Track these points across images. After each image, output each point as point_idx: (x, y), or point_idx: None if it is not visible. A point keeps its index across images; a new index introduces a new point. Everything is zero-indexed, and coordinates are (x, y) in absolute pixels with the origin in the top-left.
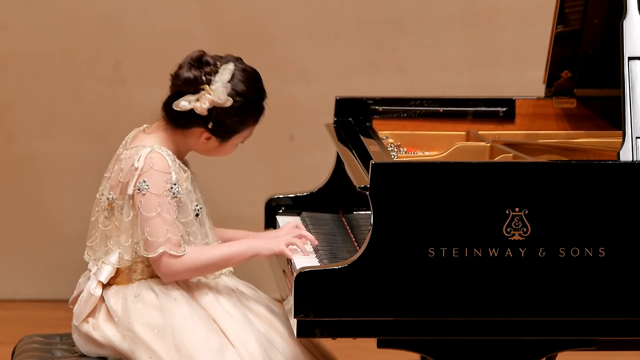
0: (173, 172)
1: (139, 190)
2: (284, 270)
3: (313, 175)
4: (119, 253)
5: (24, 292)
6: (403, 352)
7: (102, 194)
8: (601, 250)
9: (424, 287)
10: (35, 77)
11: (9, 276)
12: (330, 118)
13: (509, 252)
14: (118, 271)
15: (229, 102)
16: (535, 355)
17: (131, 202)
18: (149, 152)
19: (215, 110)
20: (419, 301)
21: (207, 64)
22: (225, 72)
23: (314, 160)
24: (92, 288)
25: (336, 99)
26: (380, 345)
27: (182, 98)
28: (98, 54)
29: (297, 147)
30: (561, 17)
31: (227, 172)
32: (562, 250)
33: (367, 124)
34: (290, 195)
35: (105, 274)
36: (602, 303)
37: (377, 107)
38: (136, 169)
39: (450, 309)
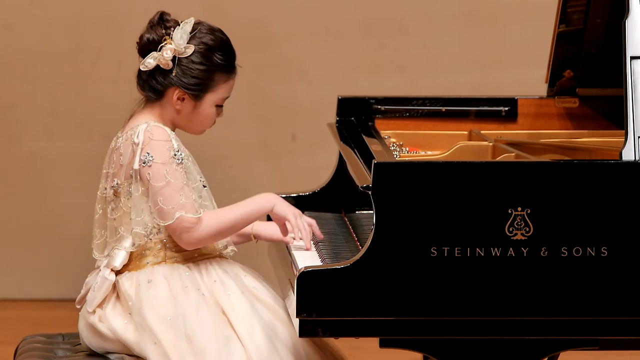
0: (173, 139)
1: (144, 163)
2: (289, 280)
3: (315, 175)
4: (133, 231)
5: (26, 292)
6: (405, 351)
7: (105, 188)
8: (603, 249)
9: (427, 287)
10: (38, 76)
11: (11, 276)
12: (332, 117)
13: (511, 251)
14: (130, 258)
15: (189, 48)
16: (537, 354)
17: (139, 176)
18: (146, 127)
19: (179, 60)
20: (422, 301)
21: (168, 21)
22: (187, 25)
23: (316, 160)
24: (106, 274)
25: (338, 99)
26: (383, 344)
27: (147, 57)
28: (101, 53)
29: (299, 147)
30: (563, 16)
31: (229, 172)
32: (564, 249)
33: (370, 123)
34: (292, 195)
35: (120, 259)
36: (604, 303)
37: (379, 107)
38: (137, 144)
39: (453, 309)
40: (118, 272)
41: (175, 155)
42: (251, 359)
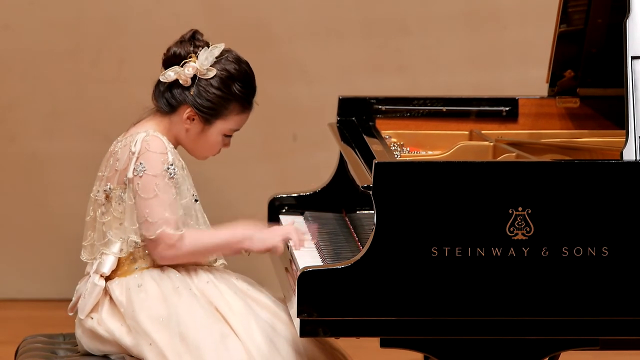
0: (169, 152)
1: (136, 173)
2: (286, 268)
3: (316, 175)
4: (123, 239)
5: (26, 292)
6: (406, 351)
7: (98, 191)
8: (604, 249)
9: (427, 287)
10: (38, 76)
11: (12, 275)
12: (333, 117)
13: (512, 251)
14: (119, 263)
15: (211, 71)
16: (538, 354)
17: (131, 185)
18: (144, 136)
19: (199, 80)
20: (422, 301)
21: (198, 40)
22: (216, 49)
23: (317, 160)
24: (95, 280)
25: (339, 99)
26: (383, 344)
27: (169, 69)
28: (101, 53)
29: (300, 147)
30: (564, 16)
31: (231, 172)
32: (565, 249)
33: (370, 123)
34: (293, 195)
35: (108, 264)
36: (605, 302)
37: (380, 107)
38: (133, 153)
39: (454, 309)
40: (108, 278)
41: (168, 169)
42: (250, 354)
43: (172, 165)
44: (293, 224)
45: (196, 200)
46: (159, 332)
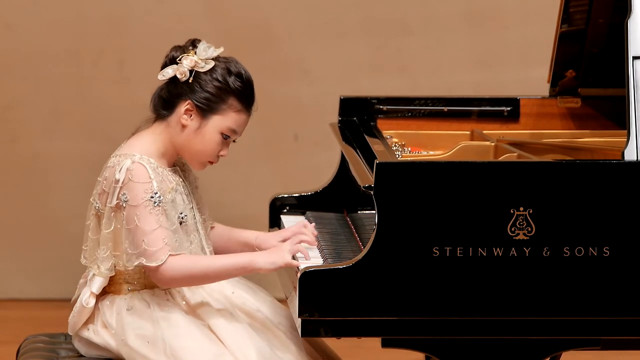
0: (154, 181)
1: (120, 203)
2: (292, 281)
3: (317, 175)
4: (113, 259)
5: (28, 292)
6: (407, 351)
7: (95, 199)
8: (605, 249)
9: (429, 287)
10: (39, 76)
11: (14, 276)
12: (334, 117)
13: (513, 251)
14: (111, 281)
15: (210, 64)
16: (539, 354)
17: (112, 214)
18: (129, 164)
19: (197, 73)
20: (424, 301)
21: (197, 43)
22: (215, 50)
23: (318, 160)
24: (84, 299)
25: (340, 99)
26: (385, 344)
27: (167, 67)
28: (102, 53)
29: (302, 147)
30: (565, 16)
31: (232, 172)
32: (566, 249)
33: (372, 123)
34: (294, 195)
35: (97, 285)
36: (606, 302)
37: (381, 107)
38: (117, 181)
39: (455, 309)
40: (101, 292)
41: (152, 197)
42: None
43: (156, 193)
44: (304, 226)
45: (181, 223)
46: (151, 353)
